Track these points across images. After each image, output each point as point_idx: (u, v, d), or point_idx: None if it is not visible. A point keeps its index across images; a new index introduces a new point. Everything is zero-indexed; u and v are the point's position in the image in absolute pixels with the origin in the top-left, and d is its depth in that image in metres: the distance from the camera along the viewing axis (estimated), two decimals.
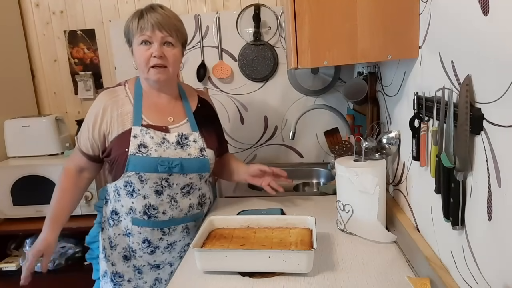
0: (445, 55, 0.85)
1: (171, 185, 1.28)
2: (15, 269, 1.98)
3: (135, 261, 1.34)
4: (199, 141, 1.33)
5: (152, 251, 1.33)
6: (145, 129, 1.26)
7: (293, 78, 2.14)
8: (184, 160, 1.28)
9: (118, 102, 1.29)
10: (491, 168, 0.66)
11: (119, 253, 1.34)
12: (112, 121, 1.27)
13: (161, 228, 1.31)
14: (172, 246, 1.35)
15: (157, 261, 1.35)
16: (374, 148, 1.31)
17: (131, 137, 1.24)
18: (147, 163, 1.23)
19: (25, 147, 2.07)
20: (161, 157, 1.25)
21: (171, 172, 1.26)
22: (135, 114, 1.27)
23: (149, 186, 1.26)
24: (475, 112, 0.69)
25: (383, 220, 1.21)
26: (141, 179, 1.25)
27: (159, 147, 1.25)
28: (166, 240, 1.33)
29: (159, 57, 1.23)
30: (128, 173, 1.24)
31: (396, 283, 0.97)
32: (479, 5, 0.67)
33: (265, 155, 2.30)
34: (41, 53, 2.35)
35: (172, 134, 1.29)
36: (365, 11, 1.03)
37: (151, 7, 1.25)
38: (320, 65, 1.09)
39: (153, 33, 1.22)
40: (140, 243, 1.31)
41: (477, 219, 0.72)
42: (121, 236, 1.33)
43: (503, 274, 0.63)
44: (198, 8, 2.21)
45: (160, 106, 1.33)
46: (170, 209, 1.31)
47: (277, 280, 1.02)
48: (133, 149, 1.23)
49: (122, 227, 1.33)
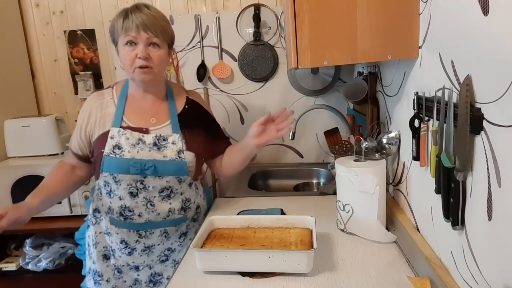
0: (445, 55, 0.85)
1: (147, 188, 1.26)
2: (15, 269, 1.98)
3: (114, 260, 1.33)
4: (178, 143, 1.29)
5: (130, 253, 1.31)
6: (122, 130, 1.26)
7: (293, 78, 2.14)
8: (158, 162, 1.25)
9: (102, 105, 1.31)
10: (491, 168, 0.66)
11: (99, 251, 1.34)
12: (95, 123, 1.29)
13: (137, 231, 1.29)
14: (150, 249, 1.32)
15: (136, 262, 1.33)
16: (374, 148, 1.31)
17: (108, 138, 1.25)
18: (119, 164, 1.23)
19: (25, 147, 2.07)
20: (134, 158, 1.23)
21: (144, 174, 1.24)
22: (116, 115, 1.28)
23: (123, 188, 1.25)
24: (475, 112, 0.69)
25: (383, 220, 1.21)
26: (115, 180, 1.25)
27: (133, 148, 1.24)
28: (143, 243, 1.31)
29: (144, 59, 1.21)
30: (104, 173, 1.25)
31: (396, 283, 0.97)
32: (479, 5, 0.67)
33: (265, 155, 2.30)
34: (41, 53, 2.35)
35: (150, 135, 1.27)
36: (365, 11, 1.03)
37: (136, 7, 1.23)
38: (320, 65, 1.09)
39: (138, 34, 1.20)
40: (118, 243, 1.31)
41: (477, 219, 0.72)
42: (102, 235, 1.34)
43: (503, 274, 0.63)
44: (198, 8, 2.21)
45: (144, 108, 1.32)
46: (146, 212, 1.28)
47: (277, 280, 1.02)
48: (108, 150, 1.24)
49: (103, 225, 1.33)
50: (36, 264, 1.97)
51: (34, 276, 1.99)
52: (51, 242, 2.03)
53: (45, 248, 2.02)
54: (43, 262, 1.96)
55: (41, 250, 2.01)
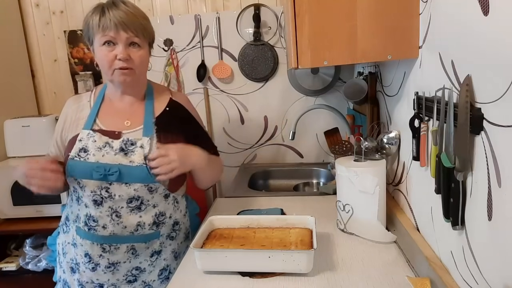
0: (445, 55, 0.85)
1: (112, 196, 1.14)
2: (15, 269, 1.98)
3: (79, 275, 1.22)
4: (146, 147, 1.16)
5: (93, 268, 1.19)
6: (91, 133, 1.17)
7: (293, 78, 2.14)
8: (123, 167, 1.13)
9: (78, 108, 1.26)
10: (491, 168, 0.66)
11: (68, 262, 1.26)
12: (70, 126, 1.24)
13: (101, 244, 1.17)
14: (115, 266, 1.19)
15: (100, 280, 1.20)
16: (374, 148, 1.31)
17: (76, 141, 1.17)
18: (82, 168, 1.13)
19: (25, 147, 2.07)
20: (98, 162, 1.13)
21: (107, 180, 1.13)
22: (88, 118, 1.22)
23: (87, 194, 1.15)
24: (475, 112, 0.69)
25: (383, 220, 1.21)
26: (80, 185, 1.16)
27: (99, 152, 1.15)
28: (107, 259, 1.18)
29: (125, 60, 1.12)
30: (69, 178, 1.17)
31: (396, 283, 0.97)
32: (479, 5, 0.67)
33: (265, 155, 2.30)
34: (41, 53, 2.35)
35: (119, 140, 1.17)
36: (365, 11, 1.03)
37: (113, 3, 1.14)
38: (320, 65, 1.09)
39: (117, 34, 1.11)
40: (83, 256, 1.20)
41: (477, 219, 0.72)
42: (69, 245, 1.25)
43: (503, 274, 0.63)
44: (198, 8, 2.21)
45: (120, 110, 1.24)
46: (111, 224, 1.16)
47: (277, 280, 1.02)
48: (73, 153, 1.15)
49: (71, 235, 1.25)
50: (36, 264, 1.97)
51: (34, 276, 1.99)
52: None
53: (45, 248, 2.01)
54: (43, 262, 1.96)
55: (41, 250, 2.00)
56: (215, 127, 2.29)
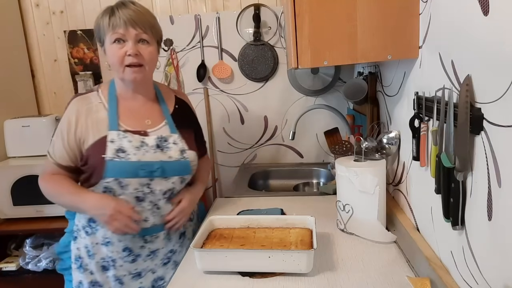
0: (445, 55, 0.85)
1: (153, 191, 1.21)
2: (15, 269, 1.98)
3: (115, 271, 1.25)
4: (179, 143, 1.26)
5: (133, 260, 1.25)
6: (122, 133, 1.19)
7: (293, 78, 2.14)
8: (165, 163, 1.21)
9: (92, 109, 1.22)
10: (491, 168, 0.66)
11: (97, 262, 1.25)
12: (87, 128, 1.20)
13: (143, 236, 1.24)
14: (155, 253, 1.27)
15: (139, 269, 1.27)
16: (374, 148, 1.31)
17: (107, 142, 1.17)
18: (126, 168, 1.17)
19: (25, 147, 2.07)
20: (141, 160, 1.18)
21: (152, 176, 1.19)
22: (110, 119, 1.21)
23: (130, 192, 1.19)
24: (475, 112, 0.69)
25: (383, 220, 1.21)
26: (121, 185, 1.18)
27: (138, 150, 1.19)
28: (148, 248, 1.26)
29: (134, 55, 1.16)
30: (106, 179, 1.17)
31: (396, 283, 0.97)
32: (479, 5, 0.67)
33: (265, 155, 2.30)
34: (41, 53, 2.35)
35: (151, 137, 1.22)
36: (365, 11, 1.03)
37: (122, 3, 1.18)
38: (320, 65, 1.09)
39: (127, 31, 1.15)
40: (120, 251, 1.23)
41: (477, 219, 0.72)
42: (98, 246, 1.25)
43: (503, 274, 0.63)
44: (198, 8, 2.21)
45: (136, 110, 1.27)
46: (152, 216, 1.23)
47: (277, 280, 1.02)
48: (111, 154, 1.16)
49: (100, 236, 1.24)
50: (36, 264, 1.97)
51: (34, 276, 1.99)
52: (51, 242, 2.03)
53: (45, 248, 2.01)
54: (43, 262, 1.96)
55: (41, 250, 2.00)
56: (215, 127, 2.29)
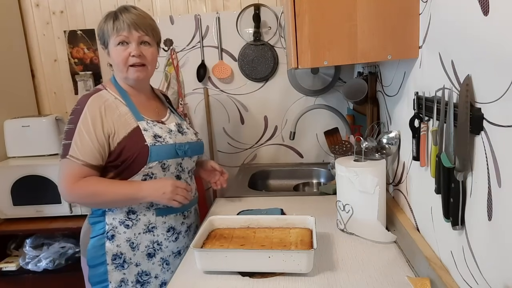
0: (445, 55, 0.85)
1: (184, 170, 1.37)
2: (15, 269, 1.98)
3: (162, 253, 1.34)
4: (190, 128, 1.45)
5: (176, 238, 1.36)
6: (150, 122, 1.30)
7: (293, 78, 2.14)
8: (191, 144, 1.37)
9: (111, 105, 1.25)
10: (491, 168, 0.66)
11: (142, 252, 1.30)
12: (115, 123, 1.23)
13: (182, 212, 1.37)
14: (190, 228, 1.41)
15: (179, 247, 1.38)
16: (374, 148, 1.31)
17: (142, 131, 1.25)
18: (167, 150, 1.28)
19: (25, 147, 2.07)
20: (176, 143, 1.31)
21: (185, 155, 1.34)
22: (133, 112, 1.28)
23: (171, 172, 1.32)
24: (475, 112, 0.69)
25: (383, 220, 1.21)
26: (164, 167, 1.29)
27: (170, 134, 1.32)
28: (186, 224, 1.39)
29: (138, 56, 1.25)
30: (150, 164, 1.25)
31: (396, 283, 0.97)
32: (479, 5, 0.67)
33: (265, 155, 2.30)
34: (41, 53, 2.35)
35: (171, 124, 1.37)
36: (365, 11, 1.03)
37: (124, 8, 1.27)
38: (320, 65, 1.09)
39: (130, 33, 1.24)
40: (165, 233, 1.33)
41: (477, 219, 0.72)
42: (141, 235, 1.29)
43: (503, 274, 0.63)
44: (198, 8, 2.21)
45: (146, 104, 1.37)
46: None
47: (277, 280, 1.02)
48: (151, 140, 1.25)
49: (142, 224, 1.29)
50: (36, 264, 1.97)
51: (34, 276, 1.99)
52: (51, 242, 2.03)
53: (45, 248, 2.01)
54: (43, 262, 1.96)
55: (41, 250, 2.00)
56: (215, 127, 2.30)
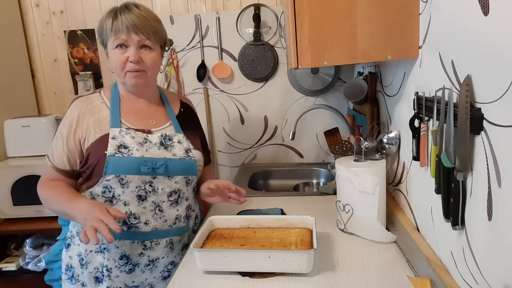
0: (445, 55, 0.85)
1: (156, 190, 1.18)
2: (15, 269, 1.98)
3: (110, 282, 1.18)
4: (184, 142, 1.24)
5: (131, 269, 1.19)
6: (125, 130, 1.17)
7: (293, 78, 2.14)
8: (169, 160, 1.18)
9: (93, 109, 1.20)
10: (491, 168, 0.66)
11: (90, 273, 1.20)
12: (88, 128, 1.17)
13: (142, 241, 1.18)
14: (154, 263, 1.22)
15: (136, 282, 1.21)
16: (374, 148, 1.31)
17: (109, 139, 1.15)
18: (128, 164, 1.13)
19: (25, 147, 2.07)
20: (144, 156, 1.15)
21: (155, 173, 1.16)
22: (112, 117, 1.19)
23: (131, 190, 1.15)
24: (475, 112, 0.69)
25: (383, 220, 1.21)
26: (122, 182, 1.14)
27: (141, 147, 1.17)
28: (148, 256, 1.20)
29: (136, 62, 1.14)
30: (107, 176, 1.13)
31: (396, 283, 0.97)
32: (479, 5, 0.67)
33: (265, 155, 2.30)
34: (41, 53, 2.35)
35: (154, 135, 1.21)
36: (365, 11, 1.03)
37: (125, 7, 1.15)
38: (320, 65, 1.09)
39: (129, 36, 1.13)
40: (117, 259, 1.17)
41: (477, 219, 0.72)
42: (93, 254, 1.19)
43: (503, 274, 0.63)
44: (198, 8, 2.21)
45: (140, 110, 1.25)
46: (154, 219, 1.18)
47: (277, 280, 1.02)
48: (112, 150, 1.13)
49: None
50: (36, 264, 1.97)
51: (34, 276, 1.99)
52: (51, 242, 2.03)
53: (45, 248, 2.02)
54: (43, 262, 1.96)
55: (41, 250, 2.01)
56: (215, 127, 2.30)
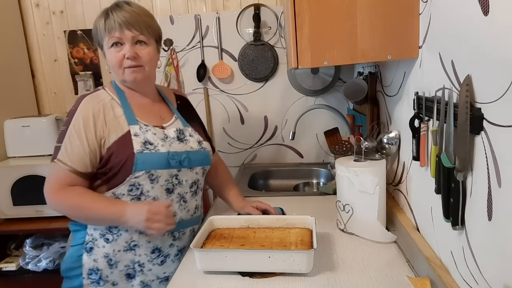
0: (445, 55, 0.85)
1: (181, 183, 1.22)
2: (15, 269, 1.97)
3: (143, 276, 1.21)
4: (194, 135, 1.29)
5: (163, 261, 1.23)
6: (144, 127, 1.18)
7: (293, 78, 2.14)
8: (190, 153, 1.24)
9: (107, 105, 1.18)
10: (491, 168, 0.66)
11: (121, 271, 1.20)
12: (107, 125, 1.15)
13: (172, 233, 1.22)
14: (182, 252, 1.26)
15: (167, 272, 1.24)
16: (374, 148, 1.31)
17: (132, 137, 1.14)
18: (157, 159, 1.16)
19: (25, 147, 2.07)
20: (169, 151, 1.18)
21: (181, 166, 1.21)
22: (127, 114, 1.18)
23: (160, 185, 1.18)
24: (475, 112, 0.69)
25: (383, 220, 1.21)
26: (152, 178, 1.16)
27: (164, 142, 1.19)
28: (176, 246, 1.25)
29: (133, 58, 1.15)
30: (136, 174, 1.13)
31: (396, 283, 0.97)
32: (479, 5, 0.67)
33: (265, 155, 2.30)
34: (41, 53, 2.35)
35: (170, 130, 1.24)
36: (365, 11, 1.03)
37: (116, 5, 1.16)
38: (320, 65, 1.09)
39: (122, 33, 1.13)
40: (149, 254, 1.20)
41: (477, 219, 0.72)
42: (121, 253, 1.19)
43: (503, 274, 0.63)
44: (198, 8, 2.21)
45: (147, 107, 1.26)
46: (179, 210, 1.23)
47: (277, 280, 1.02)
48: (139, 147, 1.14)
49: (123, 241, 1.18)
50: (36, 264, 1.97)
51: (34, 276, 1.99)
52: (51, 242, 2.03)
53: (45, 248, 2.01)
54: (43, 262, 1.96)
55: (41, 250, 2.00)
56: (215, 127, 2.29)
